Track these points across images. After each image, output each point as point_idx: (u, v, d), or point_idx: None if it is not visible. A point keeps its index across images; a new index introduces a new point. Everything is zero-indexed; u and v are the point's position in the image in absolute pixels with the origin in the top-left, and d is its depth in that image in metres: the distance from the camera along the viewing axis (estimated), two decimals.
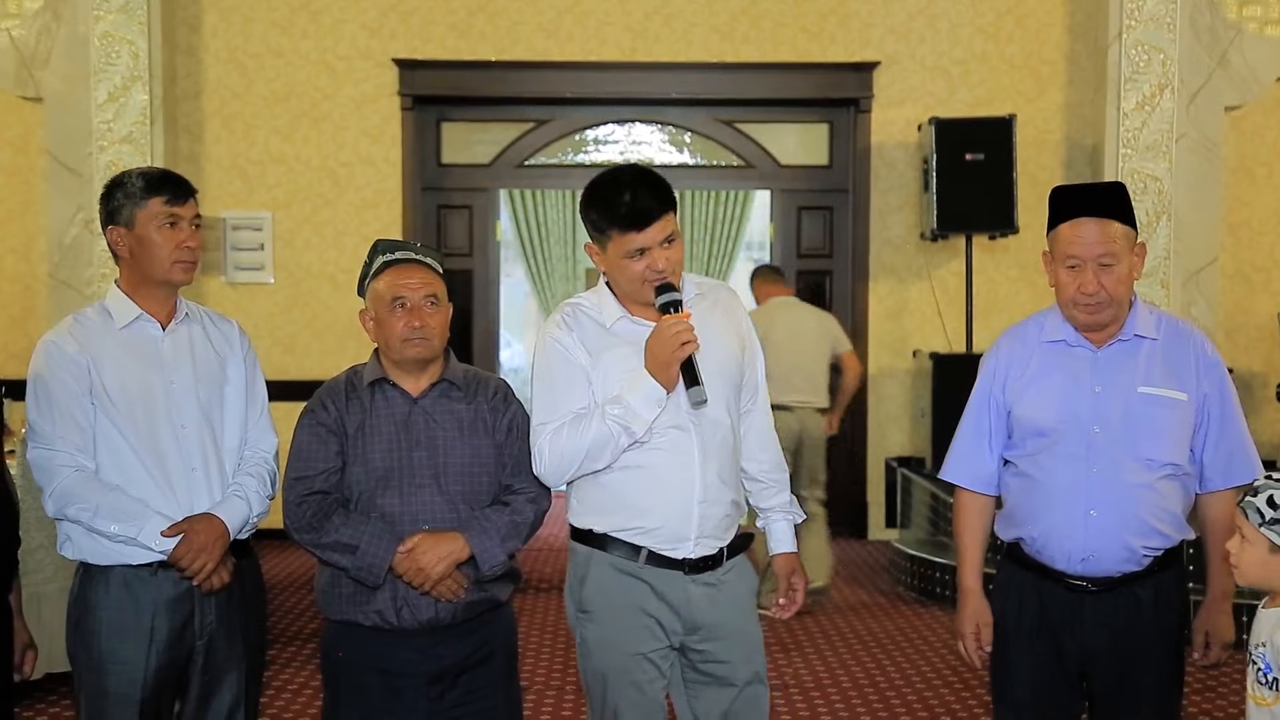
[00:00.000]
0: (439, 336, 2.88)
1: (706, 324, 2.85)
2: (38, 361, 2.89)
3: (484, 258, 8.35)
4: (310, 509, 2.82)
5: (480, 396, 2.94)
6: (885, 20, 7.92)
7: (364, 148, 7.97)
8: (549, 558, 7.49)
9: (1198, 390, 2.84)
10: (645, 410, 2.75)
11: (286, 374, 7.77)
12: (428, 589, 2.78)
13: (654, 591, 2.82)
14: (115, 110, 7.31)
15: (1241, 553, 2.51)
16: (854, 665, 5.32)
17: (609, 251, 2.84)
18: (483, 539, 2.80)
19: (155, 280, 2.93)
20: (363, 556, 2.76)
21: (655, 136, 8.32)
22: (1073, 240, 2.81)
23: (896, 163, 7.96)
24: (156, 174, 2.99)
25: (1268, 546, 2.46)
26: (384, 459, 2.84)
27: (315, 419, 2.89)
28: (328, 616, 2.91)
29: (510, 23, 7.93)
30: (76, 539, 2.87)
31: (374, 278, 2.91)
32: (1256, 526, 2.47)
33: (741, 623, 2.90)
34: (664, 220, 2.80)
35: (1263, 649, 2.48)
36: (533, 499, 2.90)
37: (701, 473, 2.81)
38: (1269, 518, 2.45)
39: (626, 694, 2.84)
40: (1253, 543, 2.49)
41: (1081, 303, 2.81)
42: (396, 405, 2.88)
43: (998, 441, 2.97)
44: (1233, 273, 7.95)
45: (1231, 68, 7.59)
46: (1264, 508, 2.47)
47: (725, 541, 2.87)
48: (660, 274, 2.79)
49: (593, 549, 2.87)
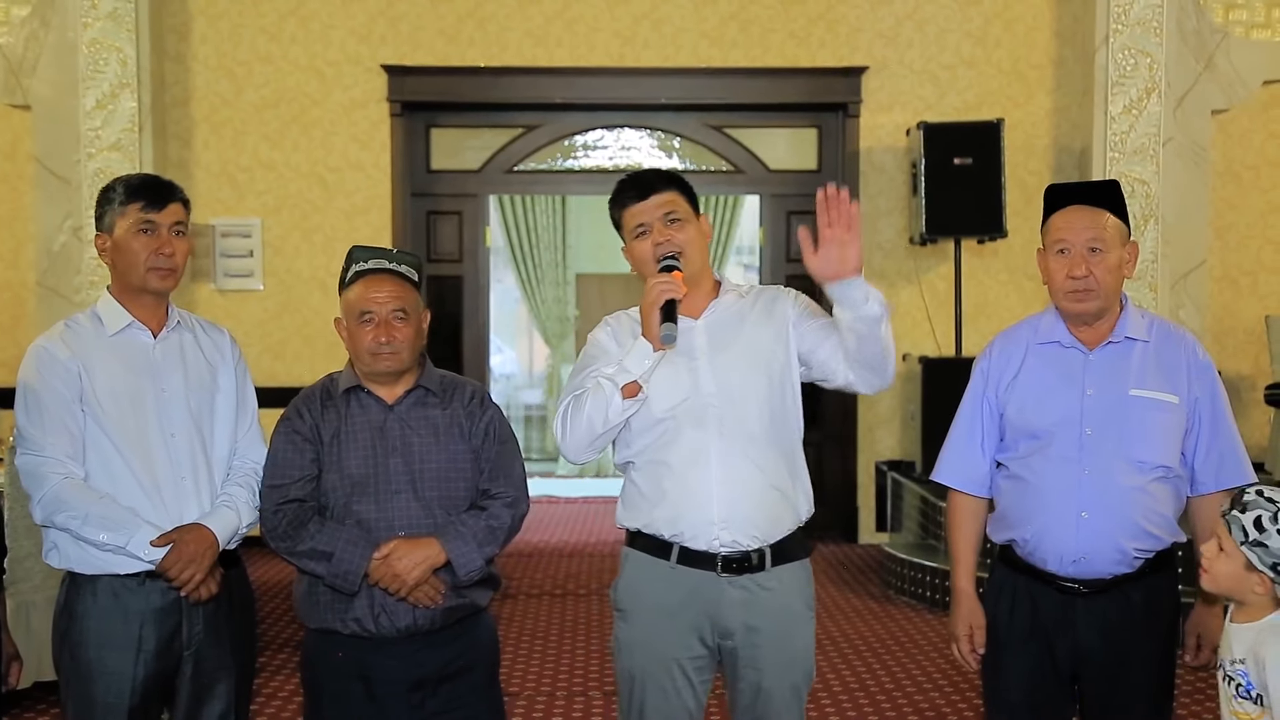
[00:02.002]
0: (408, 349, 2.87)
1: (738, 314, 2.90)
2: (28, 367, 2.88)
3: (474, 264, 8.34)
4: (286, 517, 2.83)
5: (456, 401, 2.93)
6: (873, 25, 7.94)
7: (353, 154, 7.96)
8: (538, 564, 7.49)
9: (1189, 393, 2.85)
10: (633, 364, 2.77)
11: (276, 380, 7.75)
12: (404, 594, 2.78)
13: (687, 594, 2.81)
14: (104, 117, 7.31)
15: (1216, 561, 2.50)
16: (844, 669, 5.32)
17: (626, 242, 2.91)
18: (459, 544, 2.80)
19: (134, 287, 2.93)
20: (338, 563, 2.76)
21: (644, 142, 8.33)
22: (1063, 226, 2.83)
23: (885, 167, 7.98)
24: (137, 181, 2.97)
25: (1244, 563, 2.45)
26: (360, 466, 2.84)
27: (291, 427, 2.89)
28: (307, 625, 2.91)
29: (499, 29, 7.93)
30: (63, 547, 2.86)
31: (347, 287, 2.91)
32: (1238, 543, 2.45)
33: (782, 633, 2.85)
34: (664, 195, 2.84)
35: (1240, 665, 2.47)
36: (510, 503, 2.90)
37: (721, 453, 2.79)
38: (1252, 539, 2.44)
39: (651, 698, 2.84)
40: (1230, 555, 2.48)
41: (1069, 288, 2.81)
42: (372, 412, 2.88)
43: (990, 443, 2.97)
44: (1220, 276, 7.97)
45: (1218, 71, 7.63)
46: (1250, 528, 2.44)
47: (767, 539, 2.82)
48: (661, 248, 2.82)
49: (631, 549, 2.91)
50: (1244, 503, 2.46)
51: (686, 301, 2.83)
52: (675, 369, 2.84)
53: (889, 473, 7.75)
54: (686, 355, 2.85)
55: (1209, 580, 2.53)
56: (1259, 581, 2.44)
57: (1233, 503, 2.49)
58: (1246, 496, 2.47)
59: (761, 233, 8.38)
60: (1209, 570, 2.52)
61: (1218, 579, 2.51)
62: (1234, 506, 2.48)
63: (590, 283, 12.32)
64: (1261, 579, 2.44)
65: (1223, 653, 2.54)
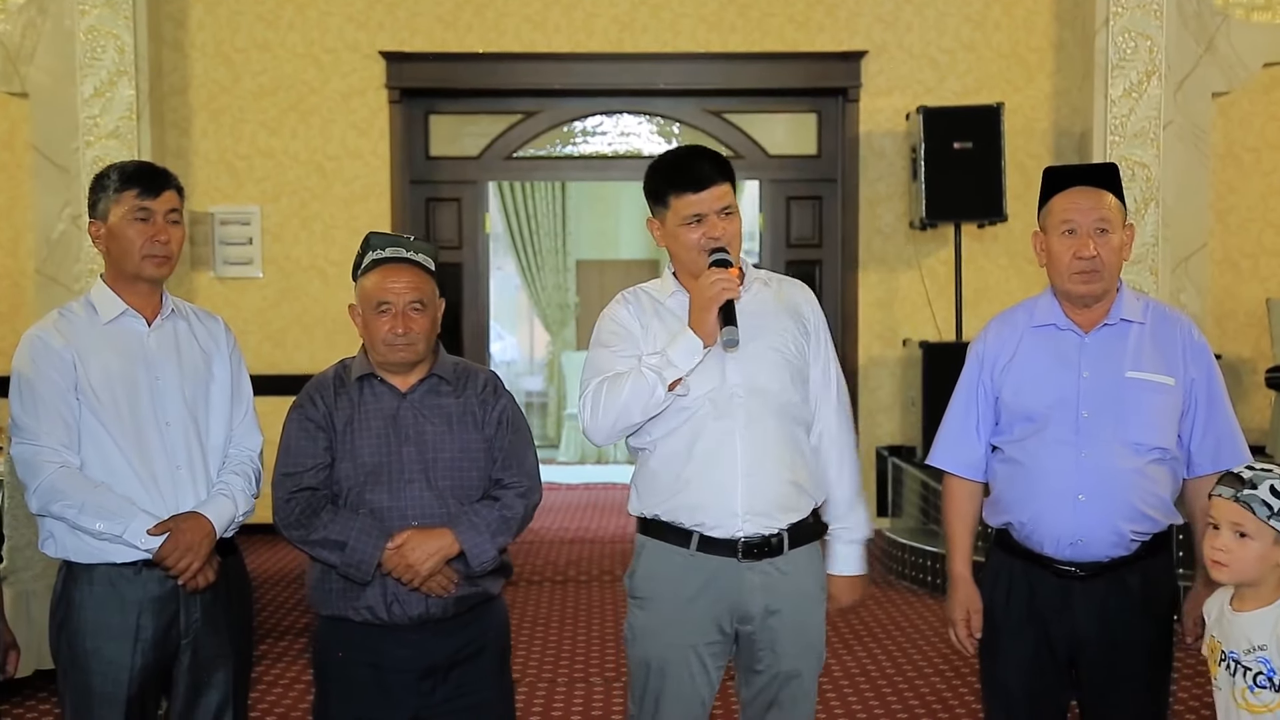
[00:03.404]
0: (424, 340, 2.86)
1: (765, 305, 2.88)
2: (22, 356, 2.87)
3: (473, 251, 8.33)
4: (299, 505, 2.81)
5: (469, 390, 2.92)
6: (873, 9, 7.91)
7: (352, 141, 7.94)
8: (540, 550, 7.49)
9: (1185, 375, 2.85)
10: (681, 360, 2.73)
11: (276, 368, 7.76)
12: (417, 585, 2.77)
13: (707, 582, 2.80)
14: (101, 105, 7.29)
15: (1238, 549, 2.38)
16: (845, 654, 5.32)
17: (668, 222, 2.86)
18: (472, 534, 2.79)
19: (129, 274, 2.91)
20: (351, 553, 2.75)
21: (643, 127, 8.30)
22: (1068, 207, 2.82)
23: (885, 152, 7.95)
24: (132, 167, 2.96)
25: (1274, 538, 2.36)
26: (373, 454, 2.83)
27: (304, 414, 2.87)
28: (319, 612, 2.90)
29: (497, 15, 7.91)
30: (60, 536, 2.85)
31: (363, 274, 2.88)
32: (1265, 519, 2.35)
33: (799, 615, 2.87)
34: (722, 188, 2.82)
35: (1260, 653, 2.37)
36: (523, 493, 2.89)
37: (746, 445, 2.78)
38: (1276, 508, 2.34)
39: (667, 686, 2.83)
40: (1255, 537, 2.36)
41: (1078, 269, 2.80)
42: (385, 400, 2.87)
43: (985, 427, 2.97)
44: (1221, 259, 7.96)
45: (1219, 54, 7.60)
46: (1270, 499, 2.35)
47: (784, 523, 2.83)
48: (715, 240, 2.80)
49: (647, 537, 2.88)
50: (1247, 480, 2.38)
51: None
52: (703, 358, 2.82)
53: (889, 458, 7.75)
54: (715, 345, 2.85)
55: (1229, 573, 2.41)
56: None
57: (1232, 485, 2.40)
58: (1246, 474, 2.40)
59: (761, 218, 8.36)
60: (1229, 563, 2.39)
61: (1242, 567, 2.39)
62: (1238, 487, 2.39)
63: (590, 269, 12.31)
64: None
65: (1229, 644, 2.45)
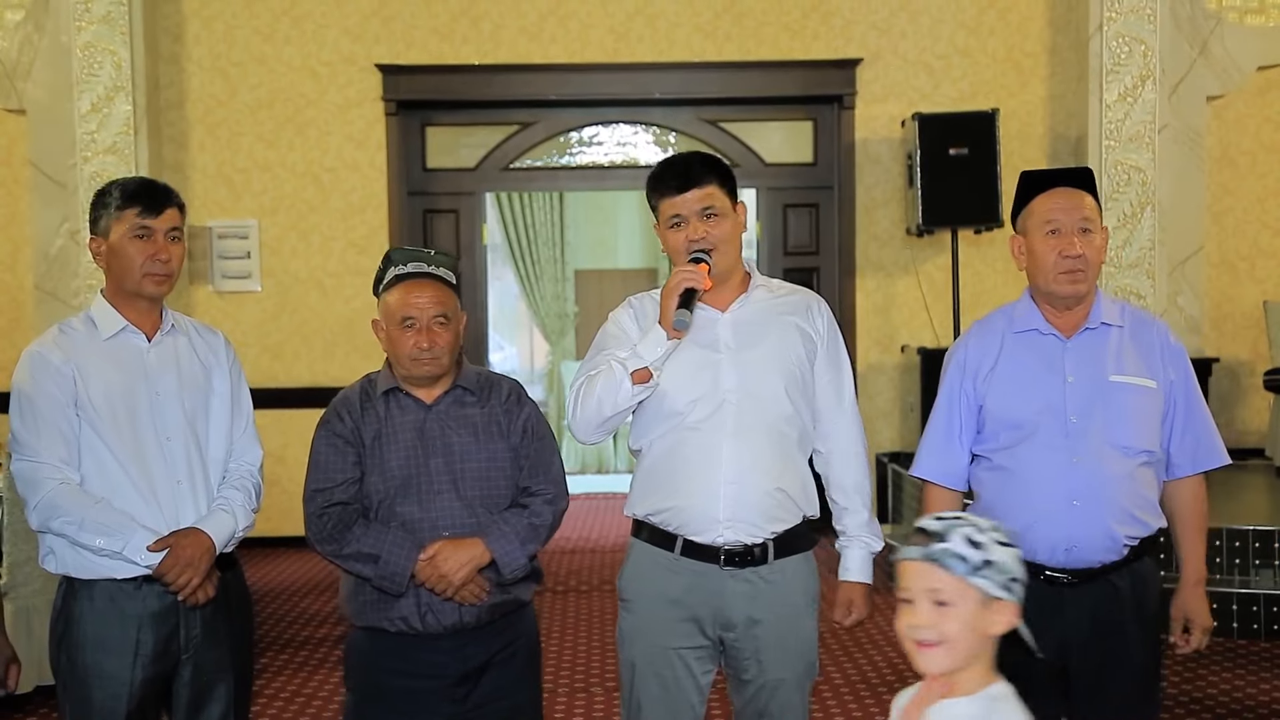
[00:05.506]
0: (448, 354, 2.88)
1: (766, 312, 2.89)
2: (22, 372, 2.88)
3: (471, 261, 8.34)
4: (331, 520, 2.84)
5: (494, 399, 2.95)
6: (867, 16, 7.93)
7: (349, 153, 7.96)
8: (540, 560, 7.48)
9: (1165, 377, 2.87)
10: (647, 351, 2.77)
11: (275, 381, 7.77)
12: (450, 595, 2.80)
13: (690, 585, 2.83)
14: (99, 120, 7.31)
15: (943, 622, 1.88)
16: (844, 660, 5.33)
17: (660, 226, 2.90)
18: (503, 543, 2.83)
19: (129, 291, 2.93)
20: (385, 566, 2.78)
21: (640, 137, 8.32)
22: (1051, 207, 2.84)
23: (881, 158, 7.97)
24: (134, 185, 2.97)
25: (978, 600, 1.90)
26: (401, 467, 2.85)
27: (332, 430, 2.90)
28: (353, 623, 2.93)
29: (493, 26, 7.93)
30: (60, 552, 2.86)
31: (386, 290, 2.91)
32: (965, 577, 1.89)
33: (784, 626, 2.88)
34: (704, 190, 2.82)
35: None
36: (550, 500, 2.93)
37: (733, 452, 2.80)
38: (976, 561, 1.89)
39: (650, 688, 2.85)
40: (955, 603, 1.89)
41: (1065, 268, 2.81)
42: (411, 413, 2.90)
43: (968, 437, 2.97)
44: (1218, 261, 7.97)
45: (1213, 57, 7.63)
46: (966, 550, 1.89)
47: (769, 533, 2.84)
48: (696, 243, 2.81)
49: (636, 539, 2.92)
50: (935, 531, 1.93)
51: (714, 295, 2.84)
52: (698, 362, 2.84)
53: (889, 464, 7.75)
54: (710, 349, 2.86)
55: (944, 654, 1.90)
56: (1000, 611, 1.92)
57: (919, 542, 1.94)
58: (933, 525, 1.94)
59: (758, 226, 8.37)
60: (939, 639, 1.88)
61: (955, 644, 1.89)
62: (925, 542, 1.93)
63: (589, 279, 12.32)
64: (1003, 607, 1.92)
65: None
